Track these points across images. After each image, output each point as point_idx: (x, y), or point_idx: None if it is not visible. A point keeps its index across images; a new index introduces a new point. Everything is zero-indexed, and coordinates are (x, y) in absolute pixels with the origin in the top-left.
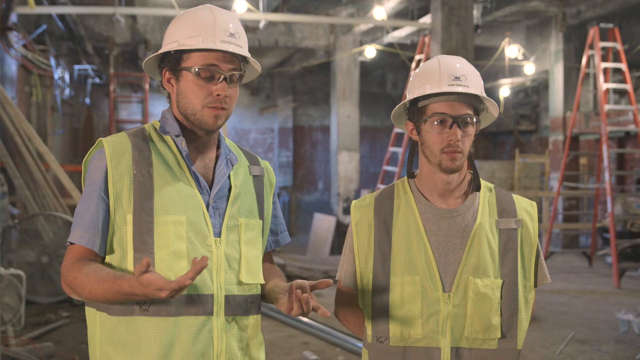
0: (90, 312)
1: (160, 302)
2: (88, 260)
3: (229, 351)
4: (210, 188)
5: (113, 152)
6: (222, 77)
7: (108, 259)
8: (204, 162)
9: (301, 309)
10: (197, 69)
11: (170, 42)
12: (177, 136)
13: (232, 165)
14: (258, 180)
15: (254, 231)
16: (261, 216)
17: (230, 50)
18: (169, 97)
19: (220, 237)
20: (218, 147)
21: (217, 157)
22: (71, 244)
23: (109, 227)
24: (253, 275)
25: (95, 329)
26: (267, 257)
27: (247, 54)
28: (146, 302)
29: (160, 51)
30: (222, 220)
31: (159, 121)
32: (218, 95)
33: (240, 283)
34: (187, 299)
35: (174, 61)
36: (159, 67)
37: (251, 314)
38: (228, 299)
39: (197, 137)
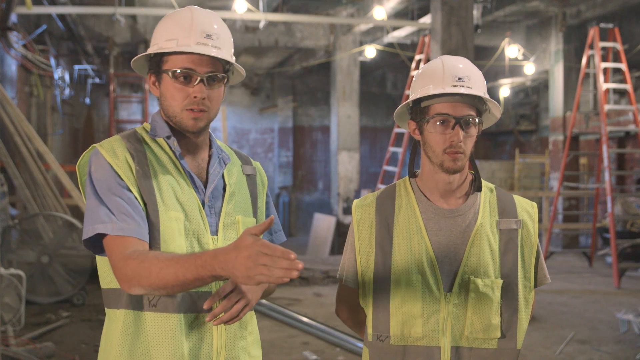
0: (110, 312)
1: (167, 298)
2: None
3: (229, 349)
4: (205, 187)
5: (110, 152)
6: (199, 79)
7: None
8: (196, 162)
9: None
10: (173, 72)
11: (152, 45)
12: (168, 137)
13: (225, 164)
14: (251, 180)
15: None
16: (255, 214)
17: (204, 52)
18: (159, 99)
19: (217, 235)
20: (210, 148)
21: (210, 157)
22: (99, 236)
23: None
24: None
25: (111, 326)
26: None
27: (224, 55)
28: (154, 297)
29: (143, 54)
30: (219, 219)
31: (150, 124)
32: (195, 97)
33: None
34: (188, 296)
35: (155, 64)
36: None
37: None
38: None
39: (186, 138)
